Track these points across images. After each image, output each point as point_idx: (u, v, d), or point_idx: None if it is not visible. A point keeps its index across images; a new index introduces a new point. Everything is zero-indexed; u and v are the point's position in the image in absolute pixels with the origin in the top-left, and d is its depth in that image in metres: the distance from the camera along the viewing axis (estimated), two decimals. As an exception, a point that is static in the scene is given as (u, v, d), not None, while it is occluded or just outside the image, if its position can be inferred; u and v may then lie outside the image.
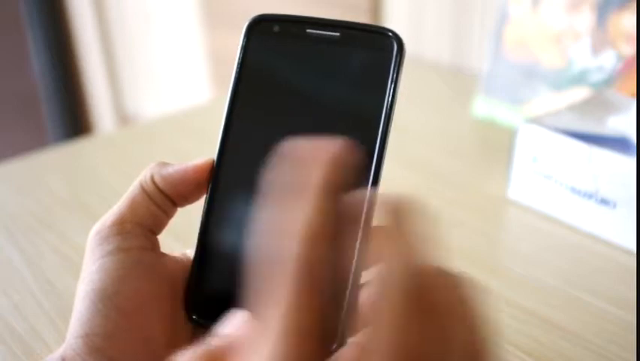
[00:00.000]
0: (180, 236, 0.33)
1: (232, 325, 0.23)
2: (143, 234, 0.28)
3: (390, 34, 0.29)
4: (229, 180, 0.29)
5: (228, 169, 0.29)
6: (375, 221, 0.23)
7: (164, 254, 0.29)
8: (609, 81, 0.58)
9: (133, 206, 0.28)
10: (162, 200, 0.29)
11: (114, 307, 0.26)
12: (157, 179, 0.29)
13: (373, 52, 0.29)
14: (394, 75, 0.28)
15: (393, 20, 0.87)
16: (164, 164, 0.29)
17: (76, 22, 1.61)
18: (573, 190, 0.46)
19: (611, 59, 0.58)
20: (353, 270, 0.24)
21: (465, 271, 0.22)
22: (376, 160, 0.28)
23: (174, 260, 0.29)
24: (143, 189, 0.29)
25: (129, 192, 0.29)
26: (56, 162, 0.62)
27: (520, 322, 0.38)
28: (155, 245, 0.29)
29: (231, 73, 0.32)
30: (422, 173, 0.56)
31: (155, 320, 0.27)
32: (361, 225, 0.23)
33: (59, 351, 0.26)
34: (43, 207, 0.53)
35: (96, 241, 0.27)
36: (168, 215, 0.30)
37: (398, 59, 0.28)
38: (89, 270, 0.27)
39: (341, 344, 0.23)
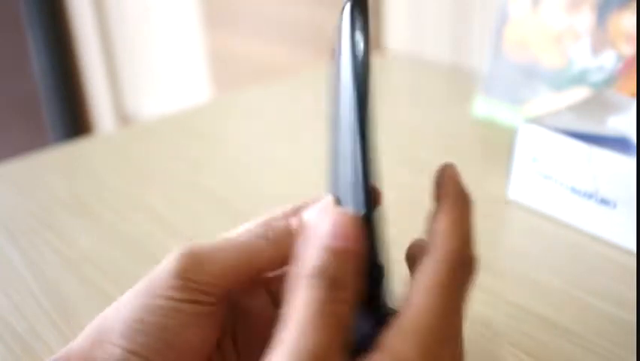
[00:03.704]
0: (181, 235, 0.33)
1: (336, 232, 0.22)
2: (225, 294, 0.27)
3: None
4: None
5: None
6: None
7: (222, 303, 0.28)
8: (609, 81, 0.58)
9: (236, 271, 0.27)
10: (277, 264, 0.28)
11: (167, 343, 0.25)
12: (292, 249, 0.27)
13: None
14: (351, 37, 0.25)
15: (393, 20, 0.87)
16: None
17: (76, 22, 1.61)
18: (573, 190, 0.46)
19: (611, 59, 0.58)
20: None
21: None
22: (361, 152, 0.25)
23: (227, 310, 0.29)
24: (255, 264, 0.27)
25: (242, 258, 0.27)
26: (56, 162, 0.62)
27: (520, 321, 0.38)
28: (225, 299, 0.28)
29: (231, 73, 0.31)
30: (422, 173, 0.56)
31: None
32: None
33: (85, 348, 0.25)
34: (43, 207, 0.53)
35: (178, 283, 0.26)
36: None
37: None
38: (157, 300, 0.26)
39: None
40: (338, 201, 0.26)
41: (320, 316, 0.21)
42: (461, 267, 0.23)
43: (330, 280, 0.21)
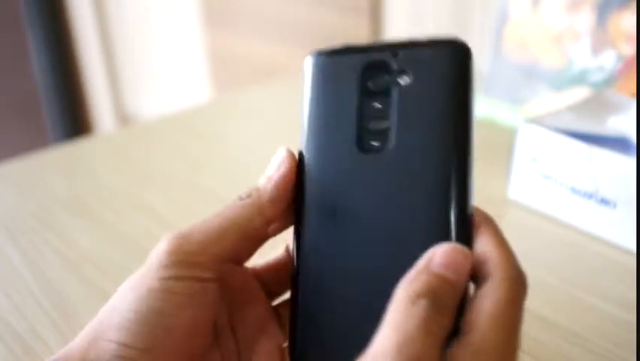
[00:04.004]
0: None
1: (454, 266, 0.24)
2: (219, 266, 0.27)
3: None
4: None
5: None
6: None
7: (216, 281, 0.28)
8: (609, 81, 0.58)
9: (221, 237, 0.27)
10: (263, 224, 0.28)
11: (164, 328, 0.26)
12: (264, 196, 0.28)
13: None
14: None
15: (393, 20, 0.87)
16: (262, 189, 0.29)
17: (76, 23, 1.61)
18: (573, 190, 0.46)
19: (611, 59, 0.58)
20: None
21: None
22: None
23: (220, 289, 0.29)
24: (238, 225, 0.28)
25: (226, 217, 0.28)
26: (56, 162, 0.62)
27: (520, 322, 0.38)
28: (218, 276, 0.28)
29: (231, 73, 0.31)
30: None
31: (198, 350, 0.27)
32: None
33: (83, 347, 0.25)
34: (43, 207, 0.53)
35: (168, 260, 0.26)
36: (261, 242, 0.29)
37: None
38: (151, 284, 0.26)
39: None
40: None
41: (420, 330, 0.21)
42: (519, 285, 0.25)
43: (436, 303, 0.22)
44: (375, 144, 0.27)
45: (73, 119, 1.68)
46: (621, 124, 0.47)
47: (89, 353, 0.25)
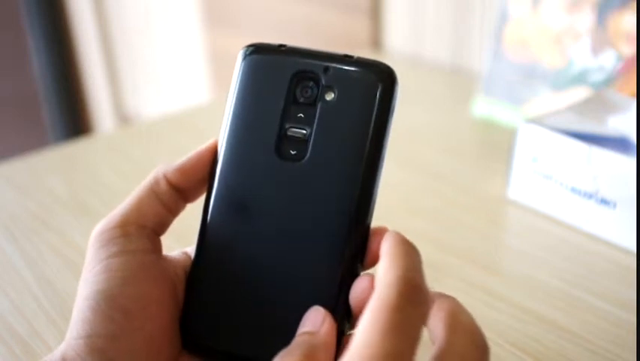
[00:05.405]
0: (181, 237, 0.33)
1: (311, 322, 0.26)
2: (147, 236, 0.28)
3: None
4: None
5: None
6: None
7: (165, 256, 0.29)
8: (609, 81, 0.58)
9: (139, 207, 0.28)
10: (171, 197, 0.29)
11: (118, 309, 0.26)
12: (169, 173, 0.29)
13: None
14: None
15: (393, 20, 0.87)
16: (171, 162, 0.30)
17: (76, 22, 1.61)
18: (573, 190, 0.47)
19: (611, 59, 0.58)
20: None
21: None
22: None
23: (175, 262, 0.29)
24: (151, 190, 0.29)
25: (135, 192, 0.29)
26: (56, 162, 0.62)
27: (520, 322, 0.38)
28: (157, 247, 0.29)
29: (231, 73, 0.32)
30: (422, 173, 0.56)
31: (157, 323, 0.27)
32: None
33: (59, 351, 0.26)
34: (43, 207, 0.53)
35: (100, 242, 0.27)
36: (174, 214, 0.30)
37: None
38: (92, 271, 0.27)
39: None
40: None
41: None
42: (393, 288, 0.22)
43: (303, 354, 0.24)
44: (292, 152, 0.28)
45: (74, 119, 1.68)
46: (621, 124, 0.47)
47: (67, 355, 0.25)
